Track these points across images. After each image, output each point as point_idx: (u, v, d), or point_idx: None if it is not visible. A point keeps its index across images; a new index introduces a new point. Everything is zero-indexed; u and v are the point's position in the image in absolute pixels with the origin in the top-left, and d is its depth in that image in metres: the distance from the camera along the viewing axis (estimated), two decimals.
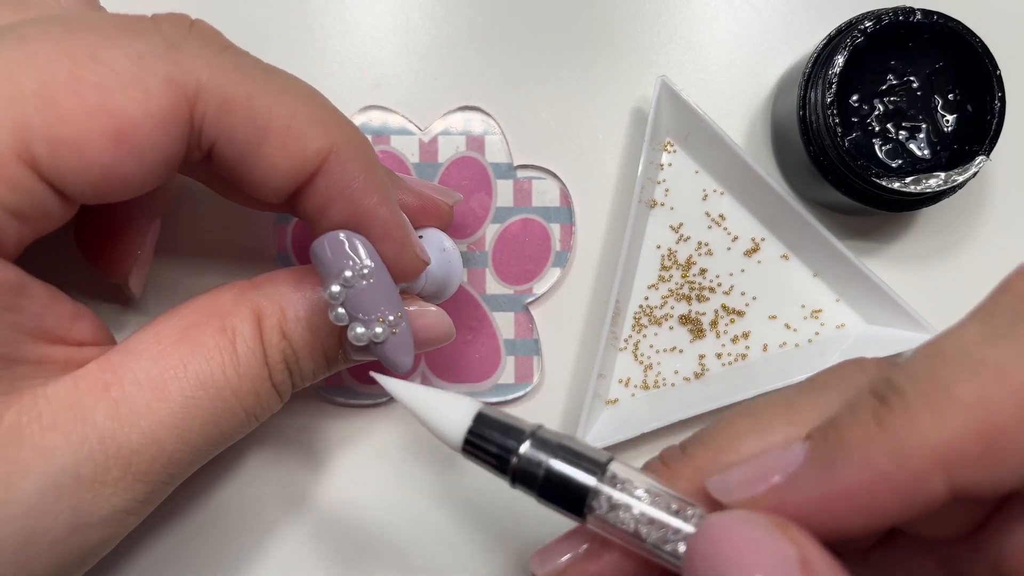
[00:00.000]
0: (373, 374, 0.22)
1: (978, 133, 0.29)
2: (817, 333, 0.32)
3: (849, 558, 0.18)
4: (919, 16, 0.28)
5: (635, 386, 0.32)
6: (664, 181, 0.33)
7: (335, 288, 0.22)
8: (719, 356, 0.32)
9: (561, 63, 0.33)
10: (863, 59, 0.29)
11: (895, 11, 0.29)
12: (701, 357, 0.32)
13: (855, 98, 0.30)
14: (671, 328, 0.32)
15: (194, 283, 0.31)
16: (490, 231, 0.32)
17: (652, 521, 0.18)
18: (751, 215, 0.33)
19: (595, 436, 0.30)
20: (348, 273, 0.22)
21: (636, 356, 0.32)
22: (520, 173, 0.32)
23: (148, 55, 0.19)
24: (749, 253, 0.33)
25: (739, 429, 0.20)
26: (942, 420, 0.15)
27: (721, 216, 0.33)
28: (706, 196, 0.33)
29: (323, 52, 0.32)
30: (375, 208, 0.22)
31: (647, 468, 0.21)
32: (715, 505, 0.19)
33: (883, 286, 0.31)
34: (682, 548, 0.18)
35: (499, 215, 0.32)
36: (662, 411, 0.31)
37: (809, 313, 0.32)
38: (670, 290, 0.32)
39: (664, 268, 0.32)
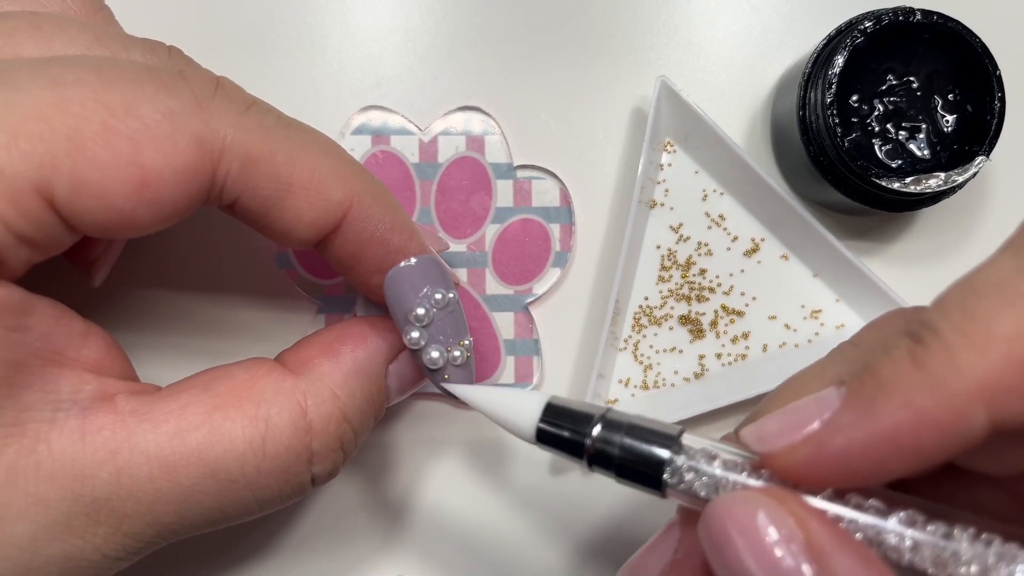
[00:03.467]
0: (444, 385, 0.24)
1: (978, 133, 0.29)
2: (817, 333, 0.32)
3: (912, 492, 0.18)
4: (919, 16, 0.28)
5: (635, 386, 0.32)
6: (664, 181, 0.33)
7: (420, 311, 0.23)
8: (719, 356, 0.32)
9: (561, 63, 0.33)
10: (863, 59, 0.29)
11: (895, 11, 0.29)
12: (701, 357, 0.32)
13: (855, 98, 0.30)
14: (671, 328, 0.32)
15: (191, 283, 0.31)
16: (490, 231, 0.32)
17: (731, 485, 0.19)
18: (751, 215, 0.33)
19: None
20: (438, 296, 0.24)
21: (636, 356, 0.32)
22: (520, 173, 0.32)
23: (178, 112, 0.20)
24: (749, 253, 0.33)
25: (803, 385, 0.20)
26: (981, 354, 0.15)
27: (721, 216, 0.33)
28: (706, 196, 0.33)
29: (323, 52, 0.32)
30: (406, 244, 0.24)
31: (724, 440, 0.21)
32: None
33: (883, 286, 0.31)
34: None
35: (499, 215, 0.32)
36: (662, 411, 0.31)
37: (809, 313, 0.32)
38: (670, 290, 0.32)
39: (664, 268, 0.32)
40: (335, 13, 0.33)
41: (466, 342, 0.25)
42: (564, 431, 0.21)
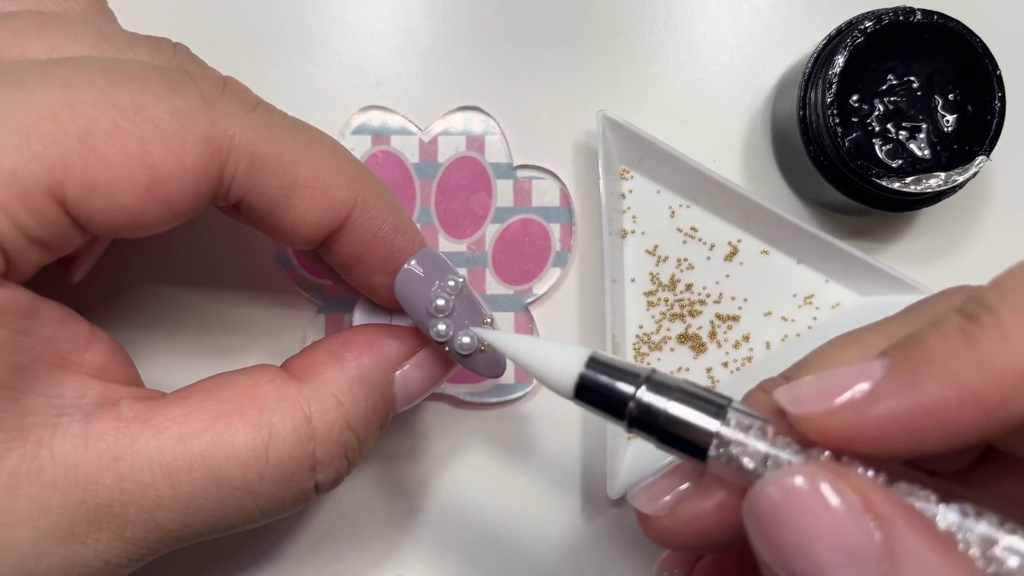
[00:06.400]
0: (475, 330, 0.23)
1: (978, 133, 0.29)
2: (815, 318, 0.32)
3: (946, 478, 0.18)
4: (919, 16, 0.28)
5: None
6: (629, 208, 0.32)
7: (440, 302, 0.23)
8: (725, 365, 0.32)
9: (561, 63, 0.33)
10: (863, 59, 0.29)
11: (895, 11, 0.29)
12: (708, 370, 0.32)
13: (855, 98, 0.30)
14: (672, 350, 0.32)
15: (191, 284, 0.31)
16: (490, 231, 0.32)
17: (777, 462, 0.18)
18: (722, 220, 0.33)
19: (627, 475, 0.30)
20: (451, 283, 0.24)
21: None
22: (520, 173, 0.32)
23: (187, 111, 0.20)
24: (729, 257, 0.33)
25: (841, 350, 0.19)
26: None
27: (693, 228, 0.33)
28: (673, 213, 0.33)
29: (323, 52, 0.32)
30: (409, 244, 0.24)
31: (747, 399, 0.21)
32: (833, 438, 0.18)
33: (866, 258, 0.31)
34: None
35: (499, 215, 0.32)
36: None
37: (802, 300, 0.32)
38: (662, 313, 0.32)
39: (651, 293, 0.32)
40: (335, 13, 0.33)
41: (488, 319, 0.24)
42: (605, 390, 0.19)
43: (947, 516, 0.16)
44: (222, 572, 0.31)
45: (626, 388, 0.19)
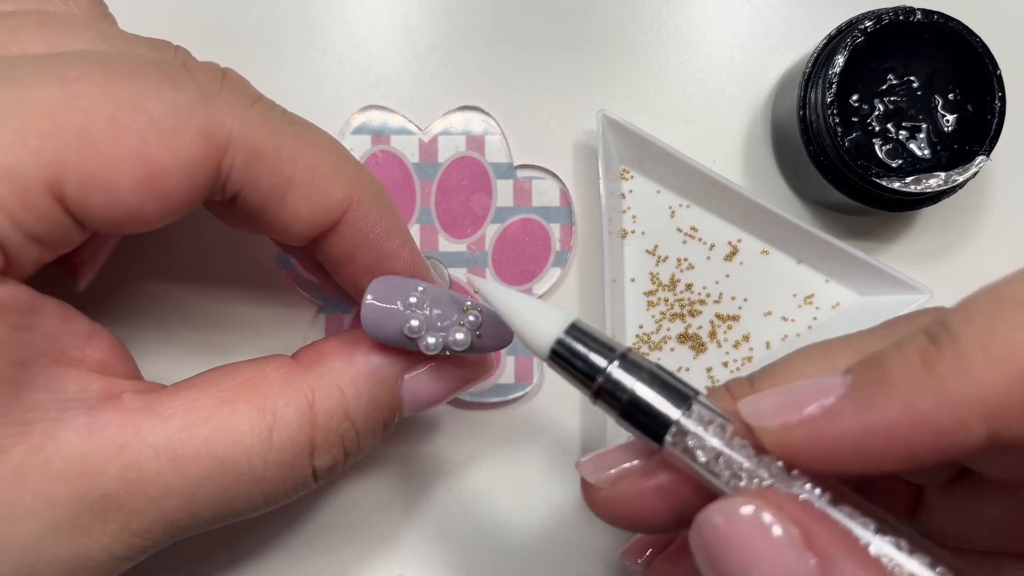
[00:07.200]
0: (471, 278, 0.22)
1: (978, 133, 0.29)
2: (815, 318, 0.32)
3: (930, 489, 0.18)
4: (919, 16, 0.28)
5: None
6: (629, 208, 0.32)
7: (415, 323, 0.23)
8: (725, 365, 0.32)
9: (561, 63, 0.33)
10: (863, 59, 0.29)
11: (895, 11, 0.29)
12: (708, 370, 0.32)
13: (855, 98, 0.30)
14: (672, 350, 0.32)
15: (191, 283, 0.31)
16: (490, 231, 0.32)
17: (729, 462, 0.18)
18: (722, 220, 0.33)
19: None
20: (413, 299, 0.23)
21: None
22: (520, 173, 0.32)
23: (184, 106, 0.20)
24: (729, 257, 0.33)
25: (808, 361, 0.20)
26: (995, 368, 0.15)
27: (693, 228, 0.33)
28: (673, 213, 0.33)
29: (323, 52, 0.32)
30: (399, 250, 0.24)
31: (712, 395, 0.21)
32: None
33: (866, 258, 0.31)
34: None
35: (499, 215, 0.32)
36: None
37: (802, 300, 0.32)
38: (662, 312, 0.32)
39: (651, 293, 0.32)
40: (335, 13, 0.33)
41: (468, 303, 0.23)
42: (579, 358, 0.20)
43: (880, 548, 0.17)
44: (221, 565, 0.31)
45: (599, 360, 0.20)
